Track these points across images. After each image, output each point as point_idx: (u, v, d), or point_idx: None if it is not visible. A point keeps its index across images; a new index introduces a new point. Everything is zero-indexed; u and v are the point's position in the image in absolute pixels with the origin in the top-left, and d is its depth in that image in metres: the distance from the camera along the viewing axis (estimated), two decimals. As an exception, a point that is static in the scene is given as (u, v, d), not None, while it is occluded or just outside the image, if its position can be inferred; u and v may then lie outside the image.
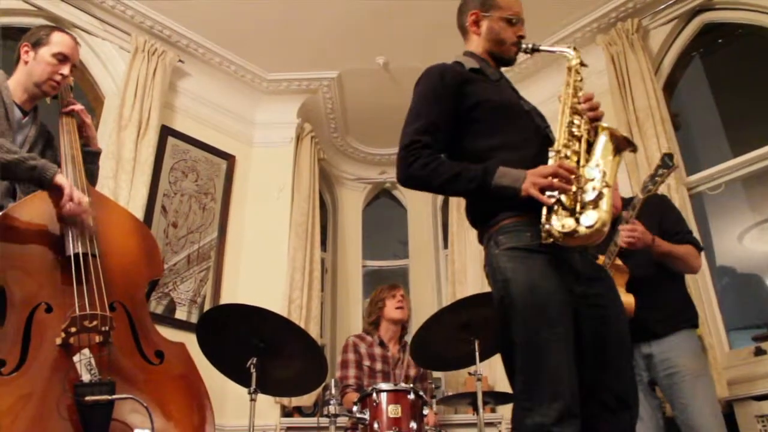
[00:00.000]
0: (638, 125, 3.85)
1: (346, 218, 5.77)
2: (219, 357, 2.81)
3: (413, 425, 2.77)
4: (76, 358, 1.88)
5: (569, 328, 1.62)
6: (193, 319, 4.08)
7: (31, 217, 2.10)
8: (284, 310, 4.23)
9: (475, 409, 2.93)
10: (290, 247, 4.62)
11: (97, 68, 4.23)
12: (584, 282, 1.71)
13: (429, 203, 5.78)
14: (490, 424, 4.02)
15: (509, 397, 3.33)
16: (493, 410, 4.08)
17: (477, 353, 2.90)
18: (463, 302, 3.04)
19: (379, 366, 3.63)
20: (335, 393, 2.82)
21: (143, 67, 4.16)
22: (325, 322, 5.19)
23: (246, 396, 2.69)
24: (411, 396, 2.84)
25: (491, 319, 2.88)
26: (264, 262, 4.55)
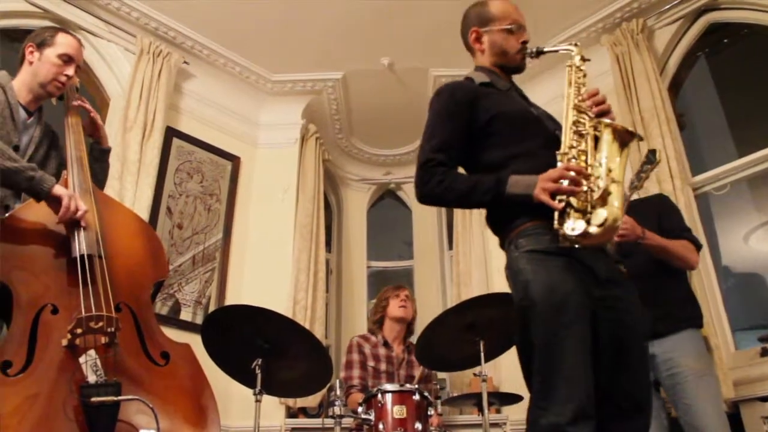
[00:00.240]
0: (643, 125, 3.84)
1: (351, 219, 5.76)
2: (224, 358, 2.82)
3: (418, 426, 2.76)
4: (82, 359, 1.89)
5: (586, 330, 1.62)
6: (198, 320, 4.09)
7: (38, 219, 2.11)
8: (289, 311, 4.23)
9: (480, 410, 2.92)
10: (295, 248, 4.62)
11: (102, 70, 4.24)
12: (604, 285, 1.72)
13: (433, 204, 5.77)
14: (495, 425, 4.02)
15: (514, 398, 3.34)
16: (498, 411, 4.07)
17: (482, 354, 2.89)
18: (468, 303, 3.04)
19: (384, 366, 3.63)
20: (340, 394, 2.82)
21: (148, 69, 4.16)
22: (330, 323, 5.19)
23: (251, 397, 2.70)
24: (416, 397, 2.83)
25: (496, 320, 2.91)
26: (269, 263, 4.55)
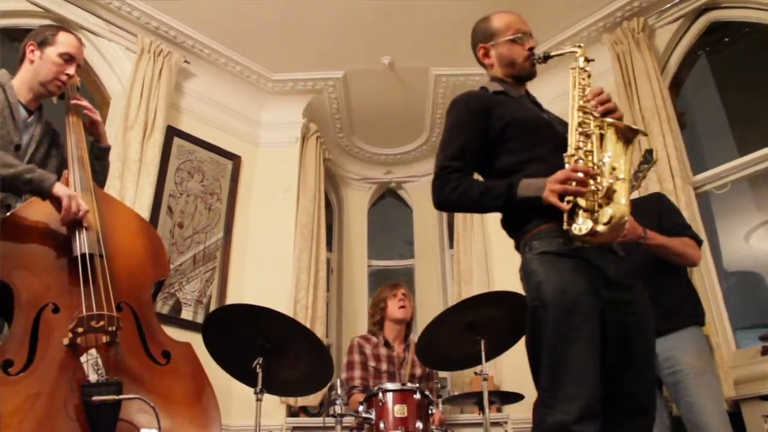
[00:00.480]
0: (644, 124, 3.83)
1: (352, 218, 5.76)
2: (225, 357, 2.82)
3: (419, 425, 2.76)
4: (83, 359, 1.89)
5: (596, 330, 1.65)
6: (199, 320, 4.09)
7: (39, 218, 2.11)
8: (290, 310, 4.23)
9: (481, 409, 2.92)
10: (296, 248, 4.62)
11: (103, 69, 4.24)
12: (615, 288, 1.74)
13: (434, 203, 5.77)
14: (496, 424, 4.02)
15: (515, 397, 3.34)
16: (499, 410, 4.08)
17: (483, 353, 2.89)
18: (469, 302, 3.03)
19: (385, 367, 3.62)
20: (341, 393, 2.82)
21: (149, 68, 4.16)
22: (331, 322, 5.19)
23: (252, 396, 2.69)
24: (417, 396, 2.83)
25: (497, 319, 2.91)
26: (270, 263, 4.55)
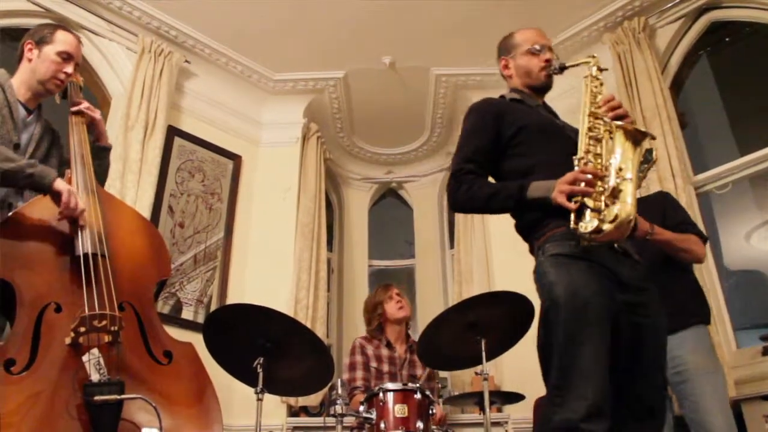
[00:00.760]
0: (645, 124, 3.83)
1: (353, 218, 5.77)
2: (225, 357, 2.81)
3: (420, 425, 2.75)
4: (86, 358, 1.88)
5: (607, 332, 1.66)
6: (200, 319, 4.09)
7: (41, 217, 2.10)
8: (291, 310, 4.24)
9: (482, 409, 2.92)
10: (296, 247, 4.62)
11: (104, 69, 4.24)
12: (628, 291, 1.76)
13: (435, 203, 5.78)
14: (497, 424, 4.02)
15: (516, 397, 3.34)
16: (500, 410, 4.08)
17: (483, 353, 2.89)
18: (470, 302, 3.03)
19: (386, 367, 3.61)
20: (342, 393, 2.82)
21: (150, 68, 4.17)
22: (332, 322, 5.19)
23: (253, 396, 2.69)
24: (418, 395, 2.83)
25: (497, 319, 2.91)
26: (270, 262, 4.56)
